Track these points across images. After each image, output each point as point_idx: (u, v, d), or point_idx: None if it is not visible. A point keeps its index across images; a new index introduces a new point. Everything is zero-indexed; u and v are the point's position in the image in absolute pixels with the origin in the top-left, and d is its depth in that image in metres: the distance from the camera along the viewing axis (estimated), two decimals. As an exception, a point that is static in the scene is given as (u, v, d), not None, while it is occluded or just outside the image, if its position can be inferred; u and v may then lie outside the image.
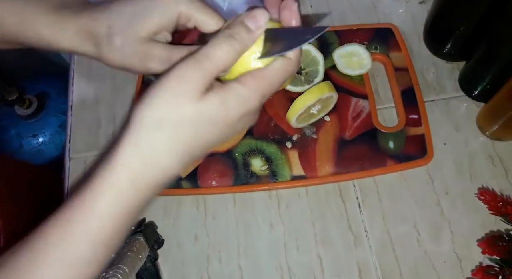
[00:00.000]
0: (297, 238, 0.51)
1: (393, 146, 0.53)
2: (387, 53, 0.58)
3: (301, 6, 0.64)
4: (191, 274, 0.51)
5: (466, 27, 0.52)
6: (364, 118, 0.55)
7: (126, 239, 0.47)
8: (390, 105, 0.56)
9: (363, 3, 0.64)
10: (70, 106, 0.62)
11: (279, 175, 0.53)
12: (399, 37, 0.59)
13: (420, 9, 0.63)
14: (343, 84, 0.57)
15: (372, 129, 0.54)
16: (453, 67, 0.58)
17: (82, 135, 0.60)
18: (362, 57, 0.57)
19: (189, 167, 0.54)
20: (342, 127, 0.54)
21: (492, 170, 0.52)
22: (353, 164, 0.52)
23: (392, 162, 0.52)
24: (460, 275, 0.48)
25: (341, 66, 0.57)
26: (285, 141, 0.54)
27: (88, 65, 0.64)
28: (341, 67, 0.57)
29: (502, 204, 0.47)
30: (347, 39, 0.59)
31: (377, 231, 0.51)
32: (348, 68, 0.57)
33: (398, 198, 0.52)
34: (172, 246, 0.52)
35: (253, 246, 0.51)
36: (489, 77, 0.52)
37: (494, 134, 0.53)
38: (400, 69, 0.57)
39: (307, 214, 0.52)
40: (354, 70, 0.57)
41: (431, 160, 0.52)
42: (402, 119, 0.54)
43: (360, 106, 0.55)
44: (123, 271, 0.42)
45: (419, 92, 0.55)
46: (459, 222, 0.50)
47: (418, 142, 0.53)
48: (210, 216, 0.53)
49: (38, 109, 0.97)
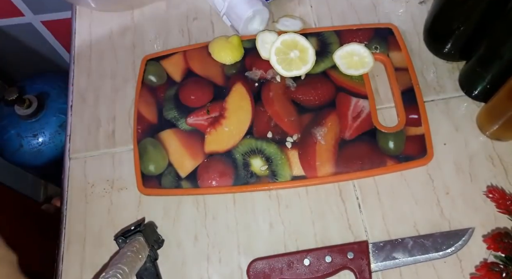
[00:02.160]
0: (297, 238, 0.51)
1: (393, 146, 0.53)
2: (387, 53, 0.58)
3: (301, 6, 0.64)
4: (191, 274, 0.51)
5: (466, 27, 0.52)
6: (364, 118, 0.55)
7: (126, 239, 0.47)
8: (390, 105, 0.56)
9: (363, 3, 0.64)
10: (70, 106, 0.62)
11: (279, 175, 0.53)
12: (399, 37, 0.59)
13: (420, 9, 0.63)
14: (343, 84, 0.57)
15: (372, 129, 0.54)
16: (453, 67, 0.58)
17: (82, 135, 0.60)
18: (363, 56, 0.57)
19: (187, 167, 0.54)
20: (342, 127, 0.54)
21: (492, 170, 0.52)
22: (353, 164, 0.52)
23: (392, 162, 0.52)
24: (460, 275, 0.48)
25: (343, 67, 0.57)
26: (285, 141, 0.54)
27: (88, 65, 0.65)
28: (343, 69, 0.57)
29: (510, 202, 0.47)
30: (347, 39, 0.59)
31: (377, 231, 0.51)
32: (351, 68, 0.57)
33: (398, 198, 0.52)
34: (172, 246, 0.52)
35: (253, 246, 0.51)
36: (489, 77, 0.52)
37: (494, 134, 0.53)
38: (400, 69, 0.57)
39: (307, 214, 0.52)
40: (358, 69, 0.57)
41: (431, 160, 0.52)
42: (402, 119, 0.54)
43: (360, 106, 0.55)
44: (123, 271, 0.42)
45: (419, 92, 0.55)
46: (459, 222, 0.50)
47: (418, 142, 0.53)
48: (210, 216, 0.53)
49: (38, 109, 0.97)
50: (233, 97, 0.58)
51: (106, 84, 0.63)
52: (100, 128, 0.60)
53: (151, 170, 0.55)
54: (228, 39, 0.60)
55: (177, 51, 0.62)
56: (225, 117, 0.56)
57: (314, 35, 0.60)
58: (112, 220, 0.54)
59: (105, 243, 0.53)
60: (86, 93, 0.63)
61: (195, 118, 0.57)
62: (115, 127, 0.60)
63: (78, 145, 0.59)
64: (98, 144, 0.59)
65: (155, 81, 0.60)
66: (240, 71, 0.59)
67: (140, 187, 0.54)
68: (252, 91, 0.58)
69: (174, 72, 0.60)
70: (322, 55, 0.59)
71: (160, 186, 0.54)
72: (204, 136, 0.56)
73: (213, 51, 0.60)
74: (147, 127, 0.57)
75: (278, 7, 0.64)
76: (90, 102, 0.62)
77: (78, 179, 0.57)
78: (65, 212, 0.55)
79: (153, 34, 0.65)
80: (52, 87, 1.02)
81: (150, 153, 0.55)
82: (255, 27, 0.61)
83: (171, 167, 0.54)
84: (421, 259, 0.47)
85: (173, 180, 0.54)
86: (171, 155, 0.55)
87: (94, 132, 0.60)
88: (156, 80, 0.60)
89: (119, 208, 0.55)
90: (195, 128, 0.56)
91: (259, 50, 0.59)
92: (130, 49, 0.64)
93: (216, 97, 0.58)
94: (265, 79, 0.58)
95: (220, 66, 0.60)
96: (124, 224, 0.54)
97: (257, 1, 0.59)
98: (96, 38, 0.66)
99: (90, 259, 0.52)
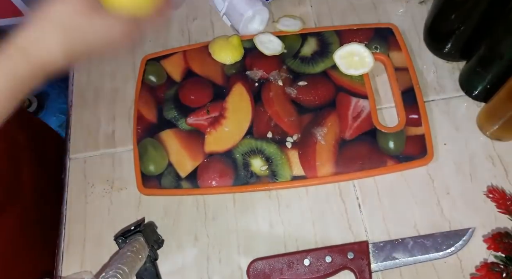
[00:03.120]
0: (297, 238, 0.51)
1: (393, 146, 0.53)
2: (387, 53, 0.58)
3: (301, 6, 0.64)
4: (191, 274, 0.51)
5: (466, 27, 0.52)
6: (364, 118, 0.55)
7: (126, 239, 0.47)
8: (390, 105, 0.56)
9: (363, 3, 0.64)
10: (70, 106, 0.62)
11: (279, 175, 0.53)
12: (399, 37, 0.59)
13: (420, 9, 0.63)
14: (343, 84, 0.57)
15: (372, 129, 0.54)
16: (453, 67, 0.58)
17: (82, 135, 0.60)
18: (363, 55, 0.57)
19: (187, 167, 0.54)
20: (342, 127, 0.54)
21: (492, 170, 0.52)
22: (353, 164, 0.52)
23: (392, 162, 0.52)
24: (460, 275, 0.48)
25: (343, 67, 0.57)
26: (285, 141, 0.54)
27: (88, 65, 0.65)
28: (344, 69, 0.57)
29: (511, 202, 0.47)
30: (347, 39, 0.59)
31: (377, 231, 0.51)
32: (351, 68, 0.57)
33: (398, 198, 0.52)
34: (172, 246, 0.52)
35: (253, 246, 0.51)
36: (489, 77, 0.52)
37: (494, 134, 0.53)
38: (400, 69, 0.57)
39: (307, 214, 0.52)
40: (358, 69, 0.57)
41: (431, 160, 0.52)
42: (402, 119, 0.54)
43: (360, 106, 0.55)
44: (123, 271, 0.42)
45: (419, 92, 0.55)
46: (459, 222, 0.50)
47: (418, 142, 0.53)
48: (210, 216, 0.53)
49: (38, 109, 0.97)
50: (233, 97, 0.58)
51: (106, 84, 0.63)
52: (100, 128, 0.60)
53: (151, 170, 0.55)
54: (228, 39, 0.60)
55: (177, 51, 0.62)
56: (225, 117, 0.56)
57: (314, 35, 0.60)
58: (112, 220, 0.54)
59: (105, 243, 0.52)
60: (86, 93, 0.63)
61: (195, 118, 0.57)
62: (115, 127, 0.60)
63: (78, 145, 0.59)
64: (98, 144, 0.59)
65: (155, 81, 0.60)
66: (240, 71, 0.59)
67: (140, 187, 0.54)
68: (252, 91, 0.58)
69: (174, 72, 0.60)
70: (322, 55, 0.59)
71: (160, 186, 0.54)
72: (204, 136, 0.56)
73: (213, 51, 0.60)
74: (147, 127, 0.57)
75: (278, 7, 0.64)
76: (90, 102, 0.62)
77: (78, 179, 0.57)
78: (65, 212, 0.55)
79: (153, 34, 0.65)
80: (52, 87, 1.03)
81: (150, 153, 0.55)
82: (255, 27, 0.61)
83: (171, 167, 0.54)
84: (422, 259, 0.47)
85: (173, 180, 0.54)
86: (171, 155, 0.55)
87: (94, 132, 0.60)
88: (156, 80, 0.60)
89: (119, 208, 0.55)
90: (195, 128, 0.56)
91: (262, 50, 0.59)
92: (130, 49, 0.64)
93: (216, 97, 0.58)
94: (265, 79, 0.58)
95: (220, 66, 0.60)
96: (124, 224, 0.53)
97: (257, 1, 0.59)
98: (96, 38, 0.66)
99: (90, 259, 0.52)
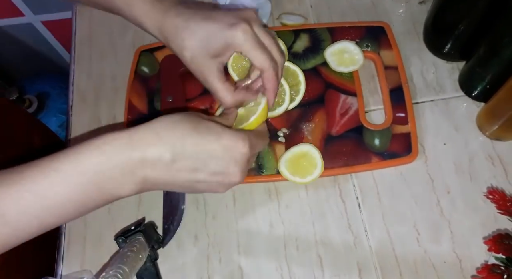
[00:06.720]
0: (297, 238, 0.51)
1: (379, 143, 0.53)
2: (378, 51, 0.58)
3: (301, 6, 0.64)
4: (191, 274, 0.51)
5: (466, 27, 0.52)
6: (352, 115, 0.55)
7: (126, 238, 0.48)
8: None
9: (363, 3, 0.64)
10: (70, 106, 0.62)
11: (265, 168, 0.53)
12: (391, 35, 0.59)
13: (420, 9, 0.63)
14: (333, 81, 0.57)
15: (359, 126, 0.54)
16: (453, 67, 0.58)
17: (82, 135, 0.60)
18: (353, 53, 0.57)
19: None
20: (329, 123, 0.55)
21: (492, 170, 0.52)
22: (338, 160, 0.53)
23: (377, 159, 0.52)
24: (460, 275, 0.48)
25: (333, 64, 0.57)
26: (273, 135, 0.54)
27: (88, 65, 0.65)
28: (334, 66, 0.57)
29: (510, 203, 0.47)
30: (339, 36, 0.59)
31: (377, 231, 0.51)
32: (341, 65, 0.57)
33: (398, 198, 0.52)
34: (172, 246, 0.52)
35: (253, 246, 0.51)
36: (489, 77, 0.52)
37: (494, 134, 0.53)
38: (391, 68, 0.57)
39: (307, 214, 0.52)
40: (347, 67, 0.57)
41: (416, 158, 0.52)
42: (389, 117, 0.54)
43: (348, 103, 0.56)
44: (123, 271, 0.42)
45: (407, 91, 0.55)
46: (459, 222, 0.50)
47: (403, 140, 0.53)
48: (210, 216, 0.53)
49: (38, 109, 0.97)
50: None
51: (106, 84, 0.63)
52: (100, 128, 0.60)
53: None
54: None
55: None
56: (214, 110, 0.56)
57: (307, 32, 0.60)
58: (112, 220, 0.54)
59: (105, 243, 0.53)
60: (86, 93, 0.63)
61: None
62: (115, 127, 0.60)
63: (78, 145, 0.59)
64: (98, 144, 0.59)
65: (147, 72, 0.60)
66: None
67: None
68: (243, 84, 0.58)
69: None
70: (313, 52, 0.59)
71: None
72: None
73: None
74: (137, 116, 0.57)
75: (278, 7, 0.64)
76: (90, 102, 0.62)
77: (78, 179, 0.57)
78: (65, 212, 0.55)
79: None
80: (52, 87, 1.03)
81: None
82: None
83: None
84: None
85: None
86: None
87: (94, 132, 0.60)
88: (149, 71, 0.60)
89: (119, 208, 0.55)
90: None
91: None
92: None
93: (206, 90, 0.58)
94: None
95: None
96: (124, 224, 0.54)
97: (256, -1, 0.60)
98: (96, 38, 0.66)
99: (90, 259, 0.52)
